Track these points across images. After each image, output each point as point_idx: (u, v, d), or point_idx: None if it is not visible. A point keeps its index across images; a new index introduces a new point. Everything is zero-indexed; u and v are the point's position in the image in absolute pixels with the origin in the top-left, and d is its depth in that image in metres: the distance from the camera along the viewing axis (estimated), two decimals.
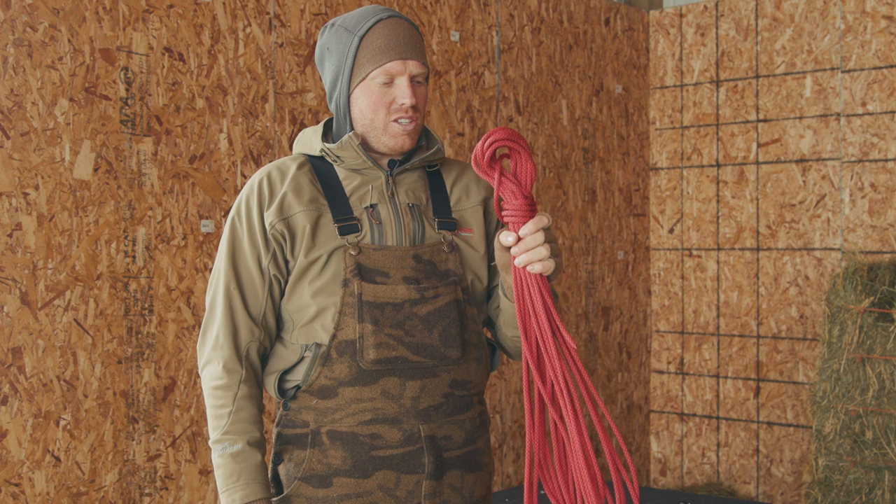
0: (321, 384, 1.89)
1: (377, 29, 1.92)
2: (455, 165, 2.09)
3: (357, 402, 1.88)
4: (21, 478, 2.84)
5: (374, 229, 1.92)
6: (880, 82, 4.68)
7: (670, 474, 5.40)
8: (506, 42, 4.51)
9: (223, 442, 1.90)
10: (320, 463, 1.90)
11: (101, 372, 3.03)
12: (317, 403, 1.90)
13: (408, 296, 1.90)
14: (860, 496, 3.99)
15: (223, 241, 1.97)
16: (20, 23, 2.86)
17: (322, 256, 1.90)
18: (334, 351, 1.88)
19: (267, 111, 3.49)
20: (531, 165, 1.78)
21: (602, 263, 5.10)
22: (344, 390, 1.88)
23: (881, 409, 3.93)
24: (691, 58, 5.30)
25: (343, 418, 1.89)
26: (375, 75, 1.91)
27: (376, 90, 1.91)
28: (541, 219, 1.77)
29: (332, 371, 1.88)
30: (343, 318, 1.87)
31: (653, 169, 5.44)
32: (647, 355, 5.44)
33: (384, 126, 1.93)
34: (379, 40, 1.91)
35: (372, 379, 1.88)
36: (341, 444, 1.90)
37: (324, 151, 1.97)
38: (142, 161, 3.14)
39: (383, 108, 1.92)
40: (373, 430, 1.89)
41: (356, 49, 1.92)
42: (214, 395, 1.92)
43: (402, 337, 1.89)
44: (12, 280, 2.84)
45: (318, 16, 3.67)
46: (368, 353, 1.87)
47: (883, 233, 4.68)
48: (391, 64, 1.90)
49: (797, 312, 4.95)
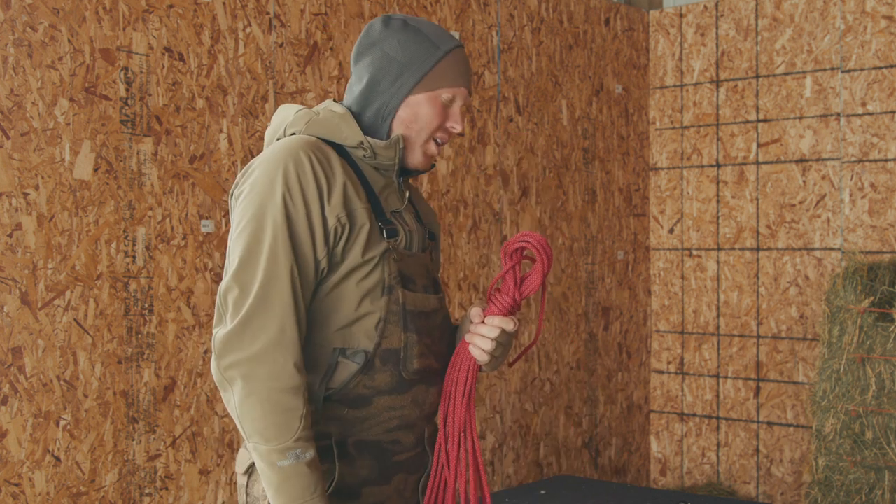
0: (358, 393, 1.82)
1: (458, 53, 1.95)
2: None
3: (388, 411, 1.85)
4: (21, 478, 2.84)
5: (407, 235, 1.92)
6: (880, 82, 4.68)
7: (670, 474, 5.40)
8: (506, 42, 4.51)
9: (294, 449, 1.71)
10: (351, 475, 1.84)
11: (101, 372, 3.03)
12: (347, 413, 1.82)
13: (437, 305, 1.94)
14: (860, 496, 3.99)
15: (265, 225, 1.75)
16: (20, 23, 2.86)
17: (375, 258, 1.82)
18: (378, 360, 1.82)
19: (267, 111, 3.49)
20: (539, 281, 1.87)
21: (602, 263, 5.10)
22: (379, 399, 1.84)
23: (881, 409, 3.93)
24: (691, 58, 5.30)
25: (371, 427, 1.85)
26: (446, 92, 1.92)
27: (440, 104, 1.92)
28: (508, 322, 1.87)
29: (372, 380, 1.82)
30: (388, 327, 1.83)
31: (653, 169, 5.44)
32: (647, 355, 5.44)
33: (425, 140, 1.93)
34: (460, 65, 1.95)
35: (407, 387, 1.87)
36: (368, 452, 1.85)
37: (364, 145, 1.88)
38: (142, 161, 3.14)
39: (437, 122, 1.92)
40: (395, 437, 1.88)
41: (437, 61, 1.92)
42: (284, 398, 1.70)
43: (431, 345, 1.91)
44: (12, 280, 2.84)
45: (317, 16, 3.67)
46: (412, 363, 1.85)
47: (883, 233, 4.68)
48: (462, 90, 1.94)
49: (797, 312, 4.95)
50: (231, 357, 1.72)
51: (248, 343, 1.72)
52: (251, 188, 1.79)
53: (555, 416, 4.79)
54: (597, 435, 5.09)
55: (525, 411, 4.61)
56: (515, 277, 1.87)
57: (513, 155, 4.53)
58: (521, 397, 4.58)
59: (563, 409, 4.84)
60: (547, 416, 4.74)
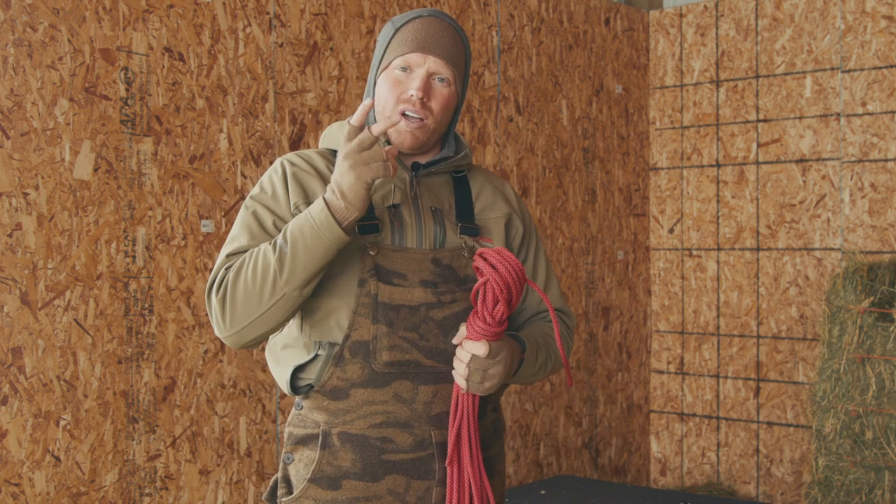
0: (333, 385, 1.86)
1: (414, 23, 1.93)
2: (482, 174, 2.07)
3: (369, 405, 1.86)
4: (21, 478, 2.84)
5: (394, 230, 1.90)
6: (880, 82, 4.68)
7: (670, 474, 5.40)
8: (506, 42, 4.51)
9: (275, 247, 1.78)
10: (330, 465, 1.87)
11: (101, 372, 3.03)
12: (329, 404, 1.87)
13: (424, 299, 1.87)
14: (860, 496, 3.99)
15: (240, 221, 1.90)
16: (20, 23, 2.86)
17: (341, 253, 1.85)
18: (347, 351, 1.85)
19: (267, 111, 3.49)
20: (502, 305, 1.79)
21: (602, 263, 5.10)
22: (356, 392, 1.86)
23: (881, 409, 3.93)
24: (691, 58, 5.30)
25: (354, 420, 1.86)
26: (397, 64, 1.91)
27: (393, 77, 1.91)
28: (480, 347, 1.79)
29: (344, 372, 1.85)
30: (357, 319, 1.84)
31: (653, 169, 5.44)
32: (647, 355, 5.44)
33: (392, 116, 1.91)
34: (410, 33, 1.91)
35: (384, 381, 1.86)
36: (351, 446, 1.87)
37: None
38: (142, 161, 3.14)
39: (393, 96, 1.90)
40: (384, 434, 1.87)
41: (391, 38, 1.93)
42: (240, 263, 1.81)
43: (416, 340, 1.86)
44: (12, 280, 2.84)
45: (317, 16, 3.67)
46: (381, 355, 1.84)
47: (883, 233, 4.68)
48: (411, 55, 1.90)
49: (797, 312, 4.95)
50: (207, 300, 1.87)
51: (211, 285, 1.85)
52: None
53: (555, 416, 4.79)
54: (597, 435, 5.09)
55: (525, 411, 4.61)
56: (484, 298, 1.80)
57: (513, 155, 4.53)
58: (521, 397, 4.58)
59: (563, 409, 4.84)
60: (547, 416, 4.74)
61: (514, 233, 2.05)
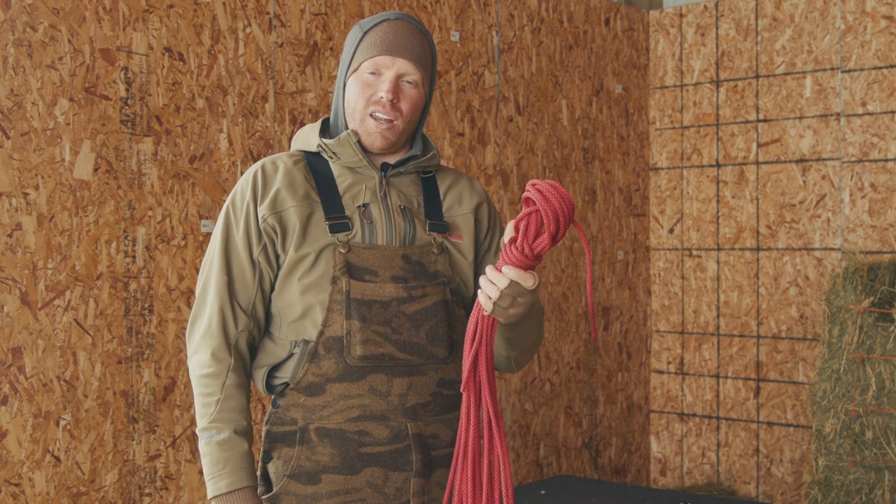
0: (309, 381, 1.91)
1: (381, 26, 1.98)
2: (450, 173, 2.12)
3: (344, 399, 1.90)
4: (21, 478, 2.84)
5: (364, 228, 1.95)
6: (880, 82, 4.68)
7: (670, 474, 5.41)
8: (506, 42, 4.51)
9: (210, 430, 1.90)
10: (308, 460, 1.92)
11: (101, 372, 3.03)
12: (305, 401, 1.92)
13: (395, 294, 1.92)
14: (860, 496, 3.99)
15: (216, 232, 1.98)
16: (20, 23, 2.86)
17: (311, 253, 1.92)
18: (322, 347, 1.90)
19: (267, 111, 3.49)
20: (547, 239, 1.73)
21: (602, 263, 5.10)
22: (331, 387, 1.90)
23: (881, 409, 3.93)
24: (691, 58, 5.30)
25: (331, 415, 1.91)
26: (366, 67, 1.95)
27: (362, 80, 1.96)
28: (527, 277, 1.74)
29: (319, 367, 1.90)
30: (331, 315, 1.89)
31: (653, 169, 5.44)
32: (647, 355, 5.44)
33: (362, 119, 1.96)
34: (378, 36, 1.96)
35: (359, 375, 1.90)
36: (329, 440, 1.91)
37: (321, 147, 2.00)
38: (142, 161, 3.14)
39: (363, 98, 1.95)
40: (361, 427, 1.91)
41: (359, 41, 1.98)
42: (202, 384, 1.92)
43: (389, 334, 1.91)
44: (12, 280, 2.84)
45: (317, 16, 3.67)
46: (355, 350, 1.88)
47: (883, 233, 4.68)
48: (380, 57, 1.94)
49: (797, 312, 4.95)
50: (187, 350, 2.00)
51: (190, 338, 1.98)
52: None
53: (555, 416, 4.79)
54: (597, 435, 5.09)
55: (525, 411, 4.61)
56: (527, 229, 1.74)
57: (513, 155, 4.54)
58: (521, 397, 4.59)
59: (563, 409, 4.84)
60: (547, 416, 4.74)
61: (482, 226, 2.09)
